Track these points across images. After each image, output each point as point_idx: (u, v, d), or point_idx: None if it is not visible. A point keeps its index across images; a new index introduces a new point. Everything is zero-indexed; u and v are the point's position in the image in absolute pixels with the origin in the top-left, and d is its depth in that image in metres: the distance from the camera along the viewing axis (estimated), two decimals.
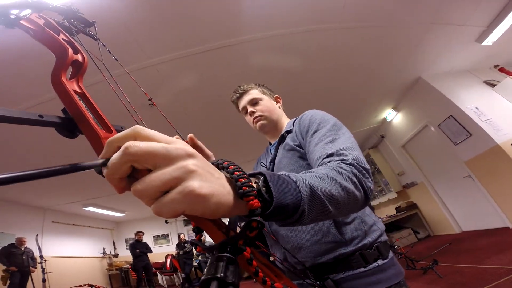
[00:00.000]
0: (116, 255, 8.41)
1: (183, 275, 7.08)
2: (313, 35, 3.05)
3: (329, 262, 0.77)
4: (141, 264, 6.59)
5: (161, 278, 7.83)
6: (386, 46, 3.62)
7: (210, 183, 0.27)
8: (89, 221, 7.99)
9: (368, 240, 0.78)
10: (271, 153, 1.03)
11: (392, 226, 6.09)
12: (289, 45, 3.11)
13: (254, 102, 1.09)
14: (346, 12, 2.86)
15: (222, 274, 0.25)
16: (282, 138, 0.98)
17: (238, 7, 2.47)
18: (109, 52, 0.55)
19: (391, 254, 0.81)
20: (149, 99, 0.63)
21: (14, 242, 4.89)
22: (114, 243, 8.73)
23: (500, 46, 4.21)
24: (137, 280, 6.58)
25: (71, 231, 7.27)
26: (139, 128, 0.27)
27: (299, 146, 0.88)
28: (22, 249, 4.84)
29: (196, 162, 0.27)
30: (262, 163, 1.11)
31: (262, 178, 0.36)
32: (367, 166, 0.59)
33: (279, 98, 1.18)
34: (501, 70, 4.68)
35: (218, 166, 0.34)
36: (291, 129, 0.96)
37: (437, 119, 4.62)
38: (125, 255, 8.61)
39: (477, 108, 4.14)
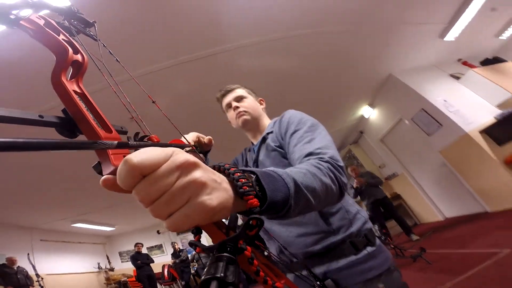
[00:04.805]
0: (112, 269, 8.31)
1: (183, 283, 7.10)
2: (288, 40, 3.23)
3: (321, 252, 0.81)
4: (145, 275, 6.63)
5: None
6: (358, 48, 3.85)
7: (217, 192, 0.29)
8: (79, 237, 7.82)
9: (354, 228, 0.82)
10: (254, 153, 1.05)
11: None
12: (269, 51, 3.27)
13: (239, 99, 1.12)
14: (319, 18, 3.06)
15: (222, 274, 0.25)
16: (264, 140, 1.01)
17: (218, 17, 2.62)
18: (110, 53, 0.55)
19: (378, 241, 0.85)
20: (153, 102, 0.64)
21: (5, 262, 4.84)
22: (108, 257, 8.63)
23: (462, 40, 4.52)
24: None
25: (62, 248, 7.11)
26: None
27: (280, 146, 0.92)
28: (15, 268, 4.76)
29: (202, 174, 0.28)
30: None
31: (254, 177, 0.38)
32: (341, 163, 0.65)
33: (263, 101, 1.22)
34: (465, 63, 5.00)
35: (219, 169, 0.36)
36: (272, 130, 0.99)
37: (410, 113, 4.85)
38: (121, 268, 8.52)
39: (445, 100, 4.39)
